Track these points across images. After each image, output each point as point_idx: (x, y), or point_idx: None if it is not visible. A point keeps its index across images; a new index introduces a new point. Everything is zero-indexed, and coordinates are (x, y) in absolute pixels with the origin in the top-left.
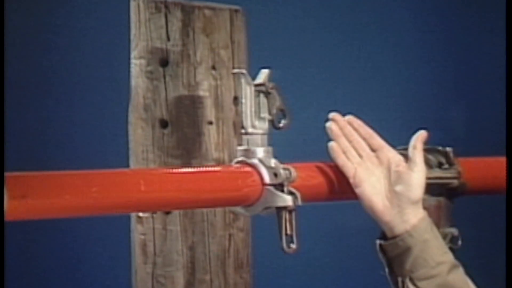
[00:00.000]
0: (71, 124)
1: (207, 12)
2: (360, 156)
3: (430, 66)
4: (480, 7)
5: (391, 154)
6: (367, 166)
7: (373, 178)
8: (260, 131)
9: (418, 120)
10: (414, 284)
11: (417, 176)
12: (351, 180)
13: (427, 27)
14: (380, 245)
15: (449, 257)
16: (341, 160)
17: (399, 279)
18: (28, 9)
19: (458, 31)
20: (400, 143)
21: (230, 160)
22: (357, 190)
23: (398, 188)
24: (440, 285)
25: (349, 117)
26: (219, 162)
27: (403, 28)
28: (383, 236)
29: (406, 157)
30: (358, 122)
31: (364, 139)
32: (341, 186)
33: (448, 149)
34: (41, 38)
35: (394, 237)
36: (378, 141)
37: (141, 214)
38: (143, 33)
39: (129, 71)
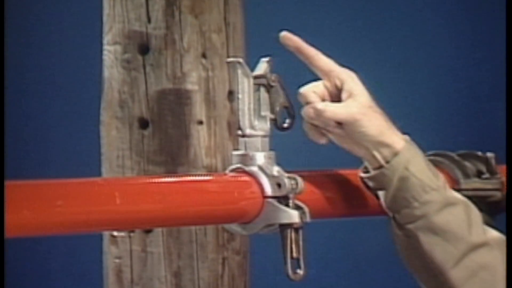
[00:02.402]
0: (32, 124)
1: None
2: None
3: (463, 61)
4: None
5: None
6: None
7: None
8: (260, 133)
9: (451, 121)
10: (401, 227)
11: (354, 106)
12: None
13: (455, 18)
14: (361, 177)
15: (441, 194)
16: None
17: (389, 216)
18: None
19: (491, 28)
20: (428, 145)
21: (224, 168)
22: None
23: (349, 133)
24: (425, 228)
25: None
26: (210, 170)
27: (426, 11)
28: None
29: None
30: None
31: (311, 64)
32: (357, 199)
33: (489, 154)
34: None
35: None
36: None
37: (116, 233)
38: (118, 14)
39: (101, 60)
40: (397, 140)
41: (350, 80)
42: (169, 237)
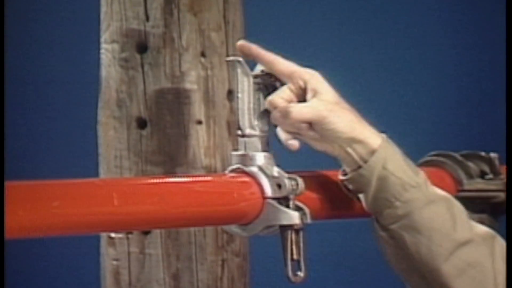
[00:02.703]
0: (28, 124)
1: None
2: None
3: (463, 62)
4: None
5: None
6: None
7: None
8: (260, 133)
9: (451, 121)
10: (384, 228)
11: (318, 106)
12: None
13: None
14: (341, 180)
15: (422, 192)
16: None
17: (372, 219)
18: None
19: (491, 28)
20: (429, 146)
21: (224, 168)
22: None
23: (320, 132)
24: (409, 227)
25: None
26: (209, 171)
27: (427, 11)
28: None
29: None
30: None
31: (271, 69)
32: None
33: (493, 155)
34: None
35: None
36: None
37: (113, 235)
38: (116, 11)
39: (98, 59)
40: (372, 136)
41: (313, 79)
42: (167, 239)
